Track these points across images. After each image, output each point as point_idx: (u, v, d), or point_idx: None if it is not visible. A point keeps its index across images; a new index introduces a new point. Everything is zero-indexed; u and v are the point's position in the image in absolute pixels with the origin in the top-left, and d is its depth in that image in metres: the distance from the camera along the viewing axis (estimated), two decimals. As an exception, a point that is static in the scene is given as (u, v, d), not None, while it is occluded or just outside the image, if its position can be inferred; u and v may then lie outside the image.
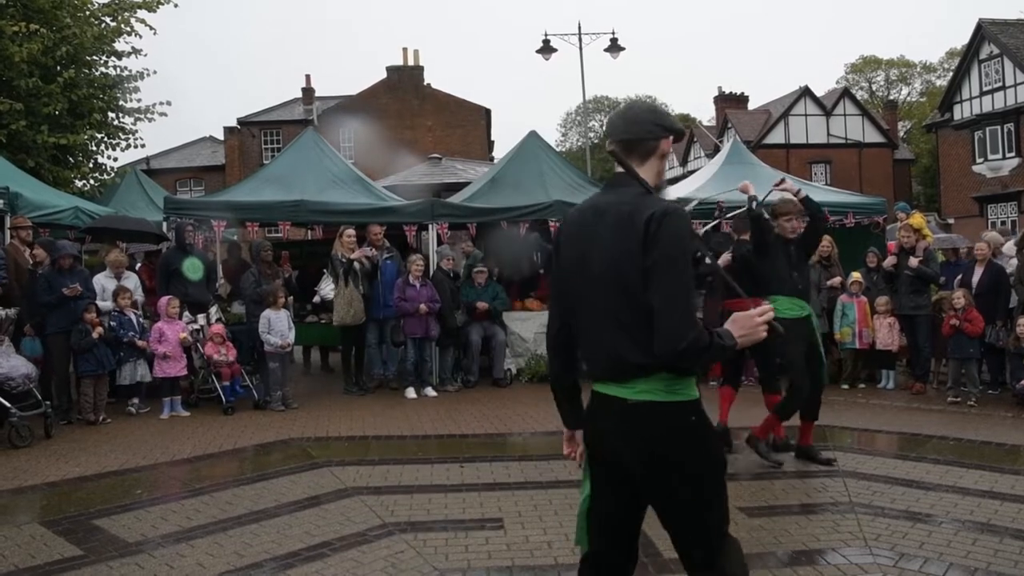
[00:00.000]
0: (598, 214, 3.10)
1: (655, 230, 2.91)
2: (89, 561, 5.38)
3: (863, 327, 11.57)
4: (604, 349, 3.04)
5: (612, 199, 3.10)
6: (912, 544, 5.43)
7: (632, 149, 3.14)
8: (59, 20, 16.34)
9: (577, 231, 3.17)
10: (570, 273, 3.17)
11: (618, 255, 2.97)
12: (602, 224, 3.06)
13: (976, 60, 35.79)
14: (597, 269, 3.04)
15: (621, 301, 2.98)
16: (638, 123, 3.14)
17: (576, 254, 3.13)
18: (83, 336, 9.89)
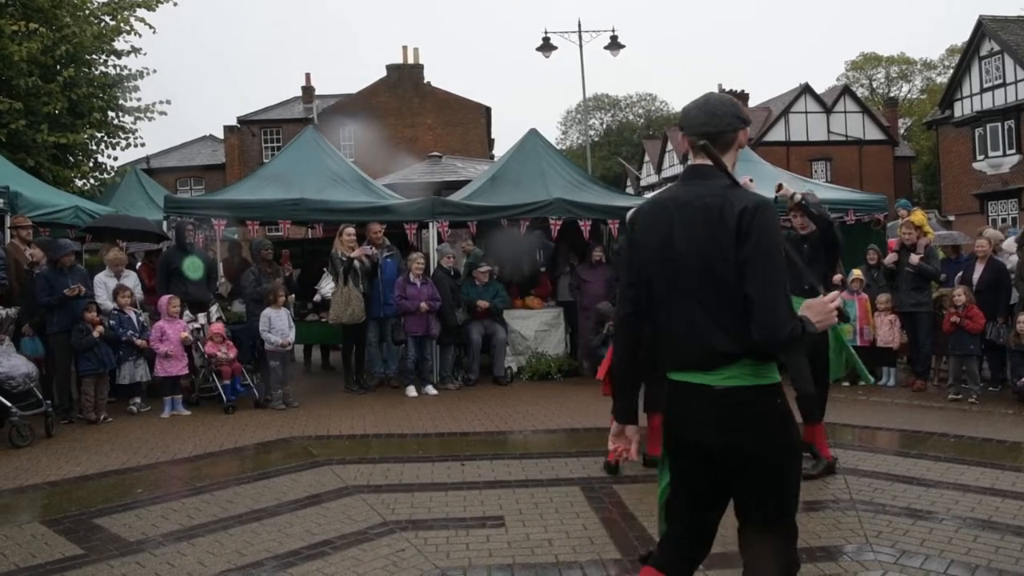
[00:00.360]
0: (682, 205, 3.13)
1: (749, 223, 2.98)
2: (90, 560, 5.38)
3: (864, 324, 11.57)
4: (690, 337, 3.08)
5: (698, 191, 3.13)
6: (913, 541, 5.43)
7: (714, 142, 3.15)
8: (59, 19, 16.33)
9: (659, 221, 3.19)
10: (650, 262, 3.20)
11: (709, 246, 3.03)
12: (687, 215, 3.10)
13: (977, 57, 35.78)
14: (686, 260, 3.07)
15: (710, 291, 3.03)
16: (719, 115, 3.18)
17: (658, 244, 3.16)
18: (84, 335, 9.89)
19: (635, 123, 79.53)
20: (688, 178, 3.22)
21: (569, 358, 13.24)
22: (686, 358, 3.11)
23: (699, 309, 3.05)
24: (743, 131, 3.23)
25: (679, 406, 3.17)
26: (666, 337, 3.18)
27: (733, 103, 3.23)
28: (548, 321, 13.33)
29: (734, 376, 3.02)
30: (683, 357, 3.12)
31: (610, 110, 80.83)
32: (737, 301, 2.99)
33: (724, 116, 3.17)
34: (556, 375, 12.79)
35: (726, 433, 3.05)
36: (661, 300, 3.17)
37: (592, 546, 5.51)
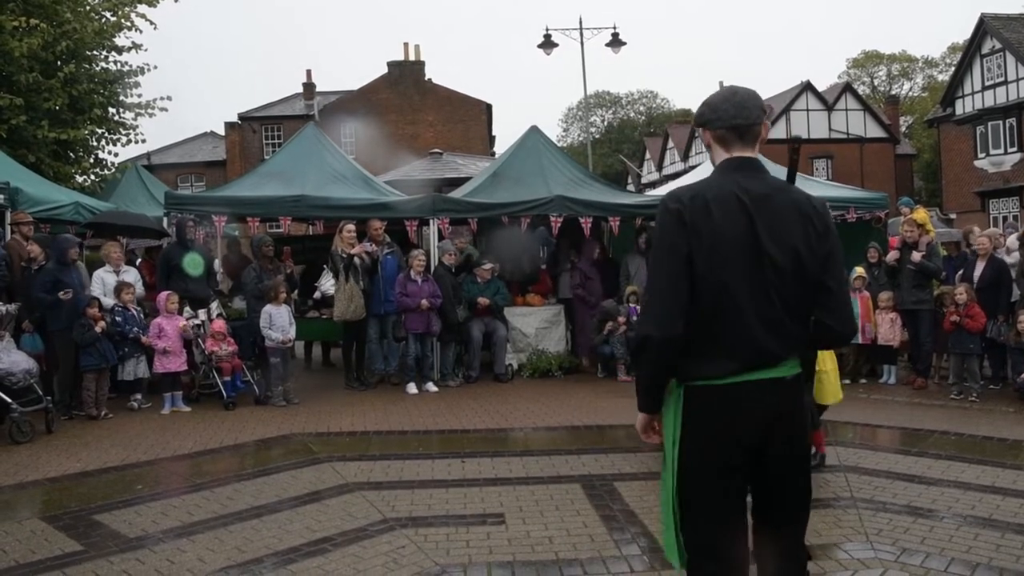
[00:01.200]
0: (761, 198, 3.03)
1: (828, 218, 3.09)
2: (89, 556, 5.38)
3: (865, 322, 11.55)
4: (773, 335, 3.00)
5: (767, 184, 3.09)
6: (914, 539, 5.42)
7: (744, 134, 3.13)
8: (59, 15, 16.29)
9: (732, 214, 3.00)
10: (727, 261, 2.97)
11: (802, 241, 3.02)
12: (774, 209, 3.03)
13: (978, 55, 35.75)
14: (775, 256, 2.98)
15: (795, 286, 3.01)
16: (748, 107, 3.13)
17: (736, 240, 2.98)
18: (86, 330, 9.89)
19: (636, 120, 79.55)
20: (742, 170, 3.12)
21: (570, 355, 13.25)
22: (762, 358, 2.99)
23: (780, 305, 3.00)
24: (766, 124, 3.19)
25: (740, 408, 2.99)
26: (733, 340, 2.98)
27: (757, 95, 3.19)
28: (549, 318, 13.32)
29: (793, 366, 3.07)
30: (758, 358, 2.99)
31: (611, 107, 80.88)
32: (811, 295, 3.05)
33: (753, 108, 3.14)
34: (557, 372, 12.79)
35: (787, 423, 3.05)
36: (731, 301, 2.98)
37: (592, 543, 5.50)
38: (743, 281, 2.97)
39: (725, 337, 2.98)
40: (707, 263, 2.96)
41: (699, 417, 3.01)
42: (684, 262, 2.95)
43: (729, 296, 2.96)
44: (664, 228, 3.03)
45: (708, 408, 3.00)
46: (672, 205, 3.00)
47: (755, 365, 2.98)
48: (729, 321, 2.98)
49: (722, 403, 2.99)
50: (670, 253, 2.98)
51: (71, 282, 10.04)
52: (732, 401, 2.98)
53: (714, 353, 2.98)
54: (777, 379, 3.01)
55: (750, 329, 2.97)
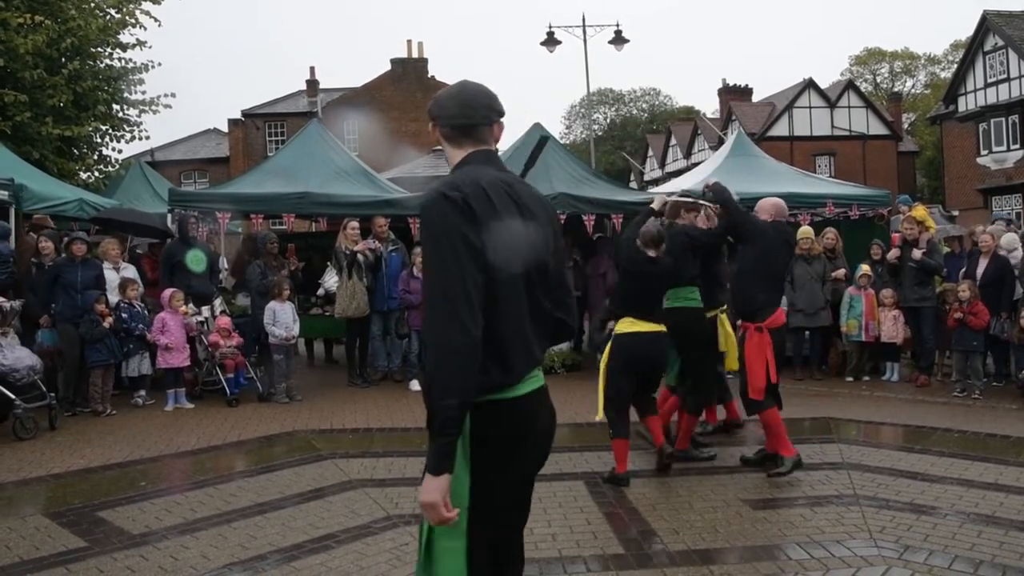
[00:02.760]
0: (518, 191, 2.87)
1: (556, 216, 3.02)
2: (93, 553, 5.39)
3: (869, 320, 11.55)
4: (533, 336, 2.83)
5: (512, 178, 2.92)
6: (917, 536, 5.43)
7: (469, 133, 2.94)
8: (64, 12, 16.29)
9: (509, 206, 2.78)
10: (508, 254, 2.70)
11: (549, 235, 2.92)
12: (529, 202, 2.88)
13: (981, 52, 35.70)
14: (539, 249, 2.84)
15: (551, 282, 2.90)
16: (472, 107, 2.95)
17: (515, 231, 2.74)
18: (94, 326, 9.91)
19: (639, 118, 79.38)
20: (491, 161, 2.95)
21: (572, 352, 13.24)
22: (535, 363, 2.85)
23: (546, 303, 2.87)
24: (497, 124, 2.98)
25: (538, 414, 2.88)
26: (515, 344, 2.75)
27: (488, 95, 2.99)
28: (551, 316, 13.29)
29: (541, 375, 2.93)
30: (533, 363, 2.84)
31: (614, 104, 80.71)
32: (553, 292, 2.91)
33: (479, 108, 2.94)
34: (559, 369, 12.77)
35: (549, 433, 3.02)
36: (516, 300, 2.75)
37: (595, 541, 5.51)
38: (523, 277, 2.76)
39: (508, 341, 2.72)
40: (497, 257, 2.67)
41: (494, 436, 2.72)
42: (478, 256, 2.64)
43: (515, 294, 2.74)
44: (448, 219, 2.65)
45: (500, 426, 2.73)
46: (453, 194, 2.67)
47: (529, 372, 2.81)
48: (512, 322, 2.74)
49: (513, 418, 2.76)
50: (463, 246, 2.62)
51: (71, 278, 10.05)
52: (522, 415, 2.79)
53: (499, 360, 2.70)
54: (543, 388, 2.90)
55: (526, 330, 2.79)
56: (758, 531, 5.65)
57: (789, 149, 43.82)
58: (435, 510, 2.69)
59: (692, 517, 5.95)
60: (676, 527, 5.73)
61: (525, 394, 2.77)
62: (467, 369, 2.57)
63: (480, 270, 2.63)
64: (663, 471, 7.07)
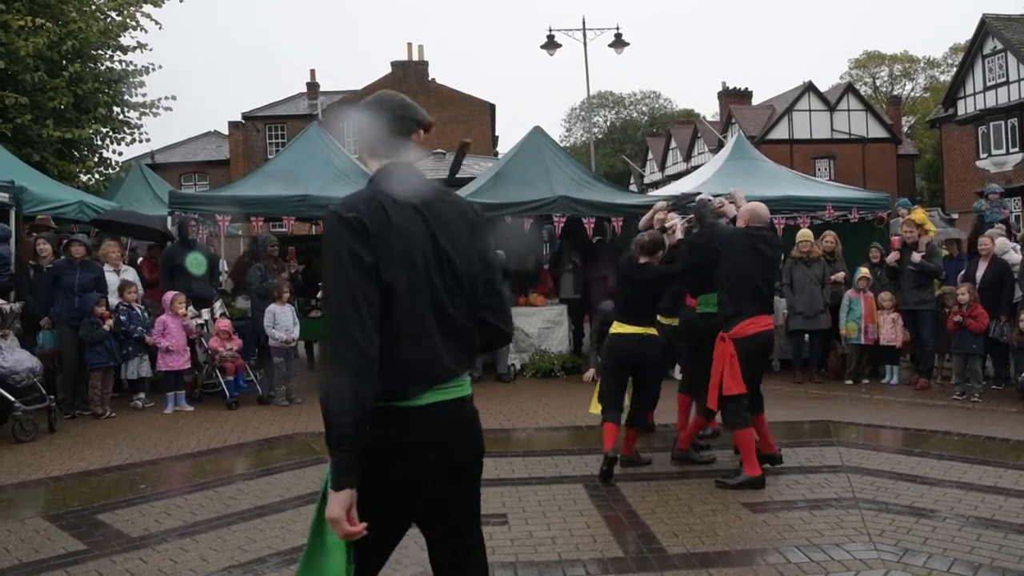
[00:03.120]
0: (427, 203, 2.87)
1: (484, 218, 3.06)
2: (93, 556, 5.39)
3: (869, 322, 11.55)
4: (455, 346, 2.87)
5: (427, 189, 2.93)
6: (916, 540, 5.42)
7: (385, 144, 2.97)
8: (65, 15, 16.32)
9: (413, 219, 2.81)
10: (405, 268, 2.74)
11: (467, 244, 2.92)
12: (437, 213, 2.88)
13: (980, 55, 35.71)
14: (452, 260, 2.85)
15: (469, 291, 2.92)
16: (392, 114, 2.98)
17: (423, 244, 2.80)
18: (94, 328, 9.92)
19: (639, 121, 79.43)
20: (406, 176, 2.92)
21: (572, 355, 13.24)
22: (447, 374, 2.83)
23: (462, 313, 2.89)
24: (416, 135, 3.01)
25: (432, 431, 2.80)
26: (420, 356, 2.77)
27: (403, 106, 3.01)
28: (551, 318, 13.32)
29: (468, 384, 2.95)
30: (443, 374, 2.82)
31: (614, 108, 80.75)
32: (479, 297, 2.96)
33: (394, 120, 2.97)
34: (559, 372, 12.79)
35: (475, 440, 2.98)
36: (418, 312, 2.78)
37: (595, 544, 5.51)
38: (430, 287, 2.80)
39: (412, 352, 2.76)
40: (393, 272, 2.72)
41: (386, 441, 2.74)
42: (370, 273, 2.68)
43: (416, 308, 2.77)
44: (341, 238, 2.69)
45: (400, 430, 2.77)
46: (347, 214, 2.71)
47: (441, 382, 2.81)
48: (413, 336, 2.77)
49: (412, 426, 2.77)
50: (353, 265, 2.67)
51: (70, 280, 10.06)
52: (422, 424, 2.78)
53: (401, 372, 2.74)
54: (462, 398, 2.88)
55: (435, 342, 2.80)
56: (757, 534, 5.65)
57: (789, 152, 43.86)
58: (338, 525, 2.64)
59: (691, 520, 5.95)
60: (675, 530, 5.73)
61: (424, 404, 2.77)
62: (360, 385, 2.63)
63: (374, 287, 2.68)
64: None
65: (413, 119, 2.99)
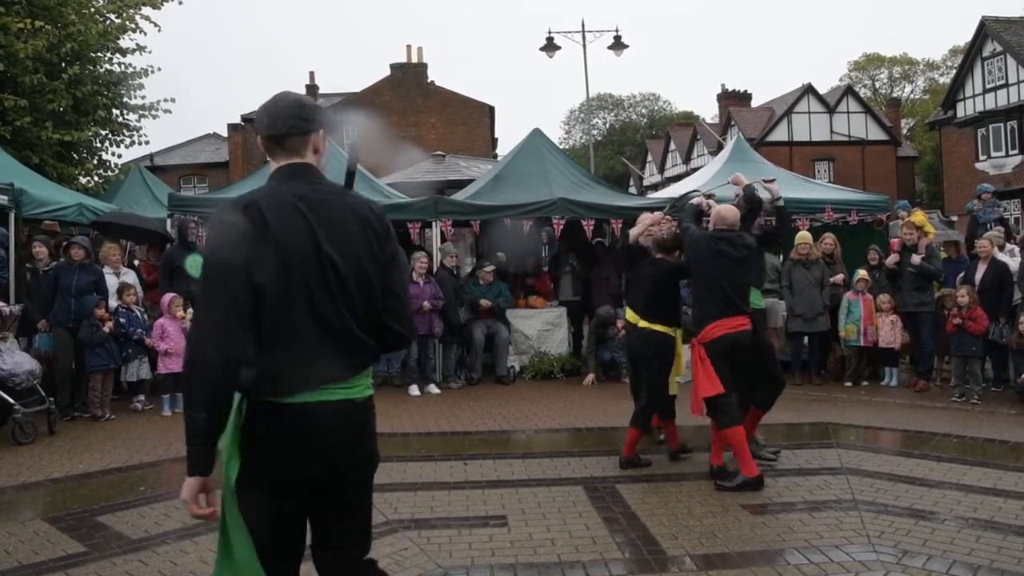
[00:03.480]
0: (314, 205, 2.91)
1: (387, 222, 3.06)
2: (93, 558, 5.39)
3: (868, 324, 11.55)
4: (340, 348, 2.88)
5: (317, 191, 2.97)
6: (915, 541, 5.43)
7: (281, 143, 3.01)
8: (64, 17, 16.34)
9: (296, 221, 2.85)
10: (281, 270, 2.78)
11: (360, 247, 2.94)
12: (324, 216, 2.91)
13: (979, 57, 35.73)
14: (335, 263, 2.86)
15: (361, 293, 2.92)
16: (280, 118, 3.00)
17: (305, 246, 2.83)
18: (94, 331, 9.92)
19: (638, 123, 79.43)
20: (295, 176, 3.00)
21: (572, 357, 13.25)
22: (331, 375, 2.84)
23: (348, 314, 2.89)
24: (315, 135, 3.04)
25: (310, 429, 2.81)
26: (300, 356, 2.80)
27: (299, 105, 3.04)
28: (551, 320, 13.33)
29: (365, 386, 2.96)
30: (327, 375, 2.83)
31: (613, 110, 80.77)
32: (376, 300, 2.97)
33: (287, 119, 2.98)
34: (559, 374, 12.79)
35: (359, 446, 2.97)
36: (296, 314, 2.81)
37: (595, 546, 5.51)
38: (308, 291, 2.81)
39: (292, 353, 2.80)
40: (268, 274, 2.75)
41: (265, 436, 2.81)
42: (243, 275, 2.71)
43: (292, 311, 2.80)
44: (216, 241, 2.80)
45: (274, 429, 2.80)
46: (225, 217, 2.79)
47: (320, 384, 2.82)
48: (294, 336, 2.81)
49: (288, 424, 2.79)
50: (225, 266, 2.72)
51: (68, 282, 10.06)
52: (301, 422, 2.80)
53: (280, 371, 2.78)
54: (350, 400, 2.88)
55: (312, 346, 2.82)
56: (757, 536, 5.66)
57: (788, 154, 43.88)
58: (189, 507, 2.86)
59: (691, 522, 5.95)
60: (675, 532, 5.73)
61: (302, 403, 2.79)
62: (217, 384, 2.69)
63: (245, 290, 2.71)
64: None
65: (310, 119, 3.02)
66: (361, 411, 2.93)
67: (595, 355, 12.37)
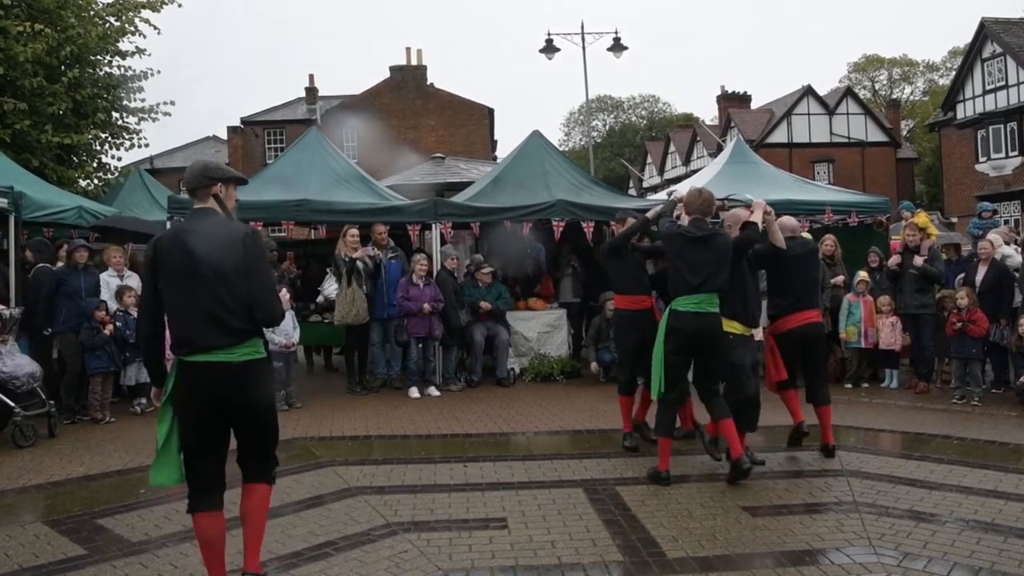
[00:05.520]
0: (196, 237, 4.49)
1: (253, 241, 4.59)
2: (93, 560, 5.39)
3: (868, 326, 11.55)
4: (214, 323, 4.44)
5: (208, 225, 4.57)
6: (916, 543, 5.43)
7: (194, 193, 4.70)
8: (63, 20, 16.33)
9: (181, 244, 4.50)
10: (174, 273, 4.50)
11: (230, 259, 4.45)
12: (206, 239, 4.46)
13: (979, 59, 35.76)
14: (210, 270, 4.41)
15: (234, 291, 4.46)
16: (192, 177, 4.68)
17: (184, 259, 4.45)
18: (95, 333, 9.91)
19: (638, 125, 79.47)
20: (196, 216, 4.68)
21: (572, 359, 13.24)
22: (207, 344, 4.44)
23: (219, 302, 4.42)
24: (218, 185, 4.67)
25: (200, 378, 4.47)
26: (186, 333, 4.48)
27: (203, 167, 4.74)
28: (551, 322, 13.33)
29: (244, 352, 4.54)
30: (205, 344, 4.44)
31: (613, 112, 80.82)
32: (242, 296, 4.46)
33: (195, 178, 4.66)
34: (559, 377, 12.79)
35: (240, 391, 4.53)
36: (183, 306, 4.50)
37: (595, 548, 5.51)
38: (187, 291, 4.45)
39: (179, 329, 4.52)
40: (163, 281, 4.54)
41: (180, 381, 4.50)
42: (153, 280, 4.60)
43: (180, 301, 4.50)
44: (147, 257, 4.68)
45: (184, 375, 4.48)
46: (150, 244, 4.66)
47: (204, 350, 4.43)
48: (180, 318, 4.51)
49: (189, 374, 4.47)
50: (146, 276, 4.74)
51: (75, 285, 10.08)
52: (194, 373, 4.46)
53: (175, 340, 4.53)
54: (227, 362, 4.46)
55: (193, 323, 4.45)
56: (757, 538, 5.65)
57: (788, 156, 43.91)
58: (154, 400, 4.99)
59: (691, 524, 5.95)
60: (675, 534, 5.73)
61: (193, 361, 4.46)
62: (147, 347, 4.85)
63: (153, 289, 4.61)
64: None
65: (210, 178, 4.68)
66: (240, 368, 4.52)
67: (595, 351, 12.34)
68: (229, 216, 4.70)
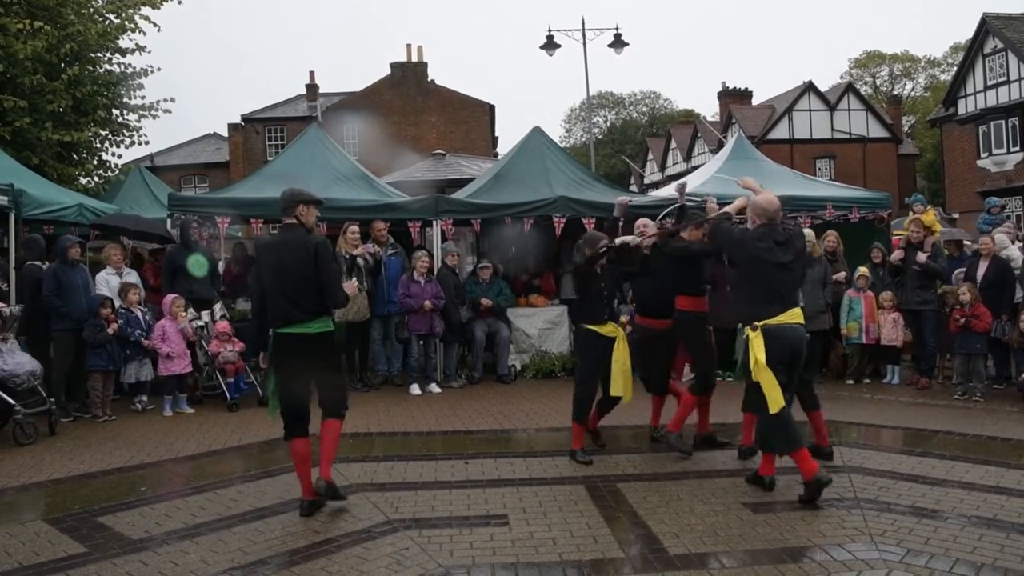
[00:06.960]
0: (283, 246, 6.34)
1: (318, 248, 6.23)
2: (93, 558, 5.39)
3: (870, 322, 11.54)
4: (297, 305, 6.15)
5: (292, 236, 6.34)
6: (918, 540, 5.42)
7: (283, 213, 6.43)
8: (63, 17, 16.30)
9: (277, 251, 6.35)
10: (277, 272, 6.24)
11: (302, 262, 6.16)
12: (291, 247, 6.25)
13: (980, 54, 35.73)
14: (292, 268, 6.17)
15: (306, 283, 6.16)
16: (281, 201, 6.49)
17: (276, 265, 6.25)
18: (98, 331, 9.90)
19: (639, 121, 79.40)
20: (284, 229, 6.44)
21: (573, 356, 13.22)
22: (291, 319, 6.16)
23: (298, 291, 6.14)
24: (301, 206, 6.41)
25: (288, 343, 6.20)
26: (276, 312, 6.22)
27: (291, 194, 6.49)
28: (552, 319, 13.32)
29: (319, 325, 6.23)
30: (289, 318, 6.16)
31: (614, 108, 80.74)
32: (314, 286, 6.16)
33: (284, 202, 6.44)
34: (560, 373, 12.78)
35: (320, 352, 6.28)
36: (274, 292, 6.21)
37: (596, 545, 5.50)
38: (278, 282, 6.18)
39: (273, 309, 6.23)
40: (264, 275, 6.32)
41: (275, 346, 6.27)
42: (258, 276, 6.54)
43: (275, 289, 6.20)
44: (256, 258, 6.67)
45: (277, 342, 6.24)
46: (256, 246, 6.36)
47: (288, 324, 6.16)
48: (275, 301, 6.20)
49: (280, 341, 6.22)
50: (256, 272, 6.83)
51: (74, 282, 10.06)
52: (283, 340, 6.20)
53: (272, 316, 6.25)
54: (303, 333, 6.16)
55: (283, 305, 6.16)
56: (759, 535, 5.64)
57: (789, 152, 43.88)
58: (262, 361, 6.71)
59: (693, 521, 5.94)
60: (677, 531, 5.72)
61: (282, 332, 6.19)
62: (258, 322, 6.65)
63: (259, 281, 6.43)
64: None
65: (294, 201, 6.40)
66: (311, 337, 6.20)
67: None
68: (308, 229, 6.39)
